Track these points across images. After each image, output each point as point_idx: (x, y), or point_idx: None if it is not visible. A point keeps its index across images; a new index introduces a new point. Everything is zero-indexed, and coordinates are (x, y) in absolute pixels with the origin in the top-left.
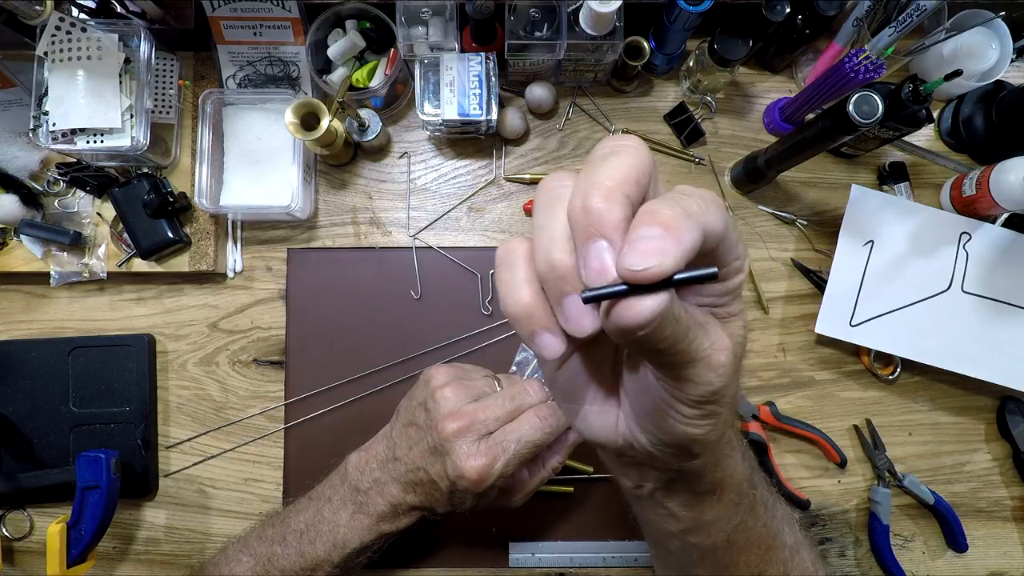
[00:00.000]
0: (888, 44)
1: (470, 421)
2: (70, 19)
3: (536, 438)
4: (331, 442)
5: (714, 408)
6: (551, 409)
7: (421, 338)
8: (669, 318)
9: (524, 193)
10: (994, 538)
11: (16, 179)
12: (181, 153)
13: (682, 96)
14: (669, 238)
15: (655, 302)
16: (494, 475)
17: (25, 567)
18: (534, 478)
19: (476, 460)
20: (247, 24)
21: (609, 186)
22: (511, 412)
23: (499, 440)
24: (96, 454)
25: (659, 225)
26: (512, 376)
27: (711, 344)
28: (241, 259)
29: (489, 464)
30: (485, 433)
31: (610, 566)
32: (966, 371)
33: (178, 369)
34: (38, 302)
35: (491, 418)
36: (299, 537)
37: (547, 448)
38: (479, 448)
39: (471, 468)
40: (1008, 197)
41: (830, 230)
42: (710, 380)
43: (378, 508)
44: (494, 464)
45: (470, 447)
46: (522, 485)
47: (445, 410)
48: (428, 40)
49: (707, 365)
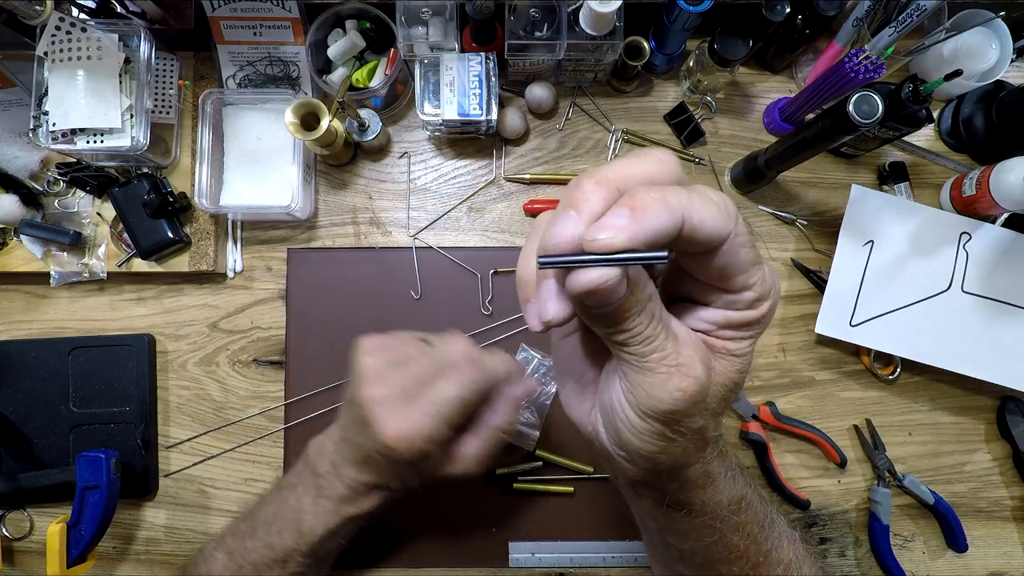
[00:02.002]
0: (888, 44)
1: (387, 385)
2: (70, 19)
3: (455, 394)
4: None
5: (663, 430)
6: (472, 363)
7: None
8: (624, 297)
9: (524, 193)
10: (994, 538)
11: (16, 179)
12: (181, 153)
13: (682, 96)
14: (633, 219)
15: (599, 273)
16: (418, 440)
17: (25, 567)
18: (477, 440)
19: (395, 426)
20: (247, 24)
21: (607, 176)
22: (431, 371)
23: (418, 402)
24: (96, 454)
25: (628, 207)
26: (444, 334)
27: (678, 364)
28: (241, 259)
29: (410, 429)
30: (404, 397)
31: (610, 566)
32: (966, 371)
33: (178, 369)
34: (38, 302)
35: (409, 381)
36: (267, 529)
37: (488, 407)
38: (397, 413)
39: (391, 435)
40: (1008, 197)
41: (830, 230)
42: (660, 398)
43: (338, 491)
44: (415, 428)
45: (388, 412)
46: (462, 452)
47: (364, 377)
48: (428, 40)
49: (663, 382)
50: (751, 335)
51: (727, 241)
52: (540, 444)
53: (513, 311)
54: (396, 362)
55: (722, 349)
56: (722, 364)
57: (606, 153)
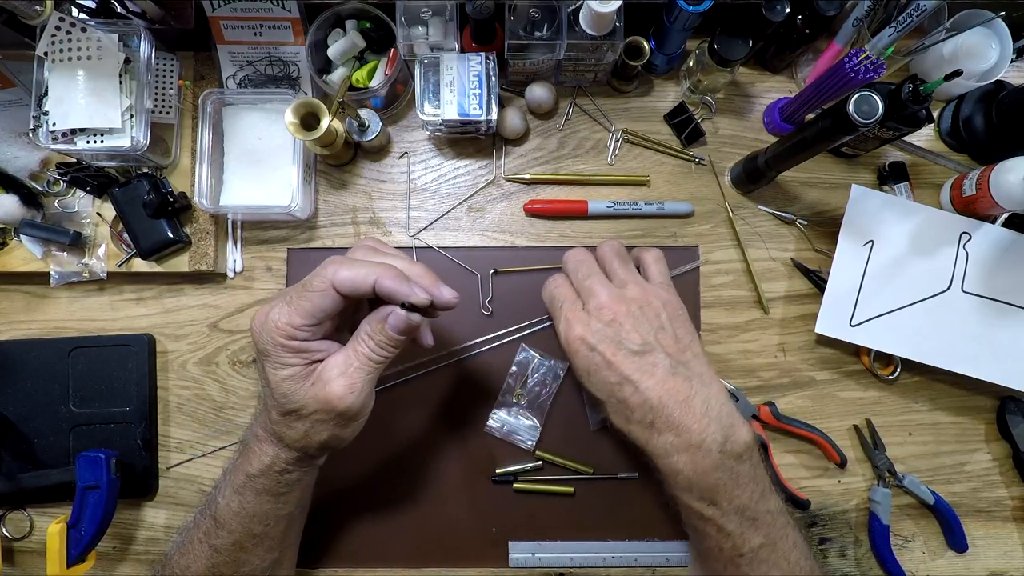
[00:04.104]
0: (888, 44)
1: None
2: (70, 19)
3: (309, 282)
4: None
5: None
6: (340, 260)
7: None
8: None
9: (524, 193)
10: (994, 538)
11: (16, 179)
12: (181, 153)
13: (682, 96)
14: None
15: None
16: (276, 320)
17: (25, 567)
18: (342, 359)
19: (259, 314)
20: (247, 24)
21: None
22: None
23: (286, 295)
24: (96, 454)
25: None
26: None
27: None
28: (241, 259)
29: (268, 311)
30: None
31: (610, 566)
32: (966, 371)
33: (178, 369)
34: (38, 302)
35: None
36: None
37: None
38: (264, 307)
39: (255, 321)
40: (1008, 197)
41: (830, 230)
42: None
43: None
44: (273, 311)
45: (264, 308)
46: (323, 372)
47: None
48: (428, 40)
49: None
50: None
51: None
52: (540, 444)
53: (514, 311)
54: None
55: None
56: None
57: (606, 153)
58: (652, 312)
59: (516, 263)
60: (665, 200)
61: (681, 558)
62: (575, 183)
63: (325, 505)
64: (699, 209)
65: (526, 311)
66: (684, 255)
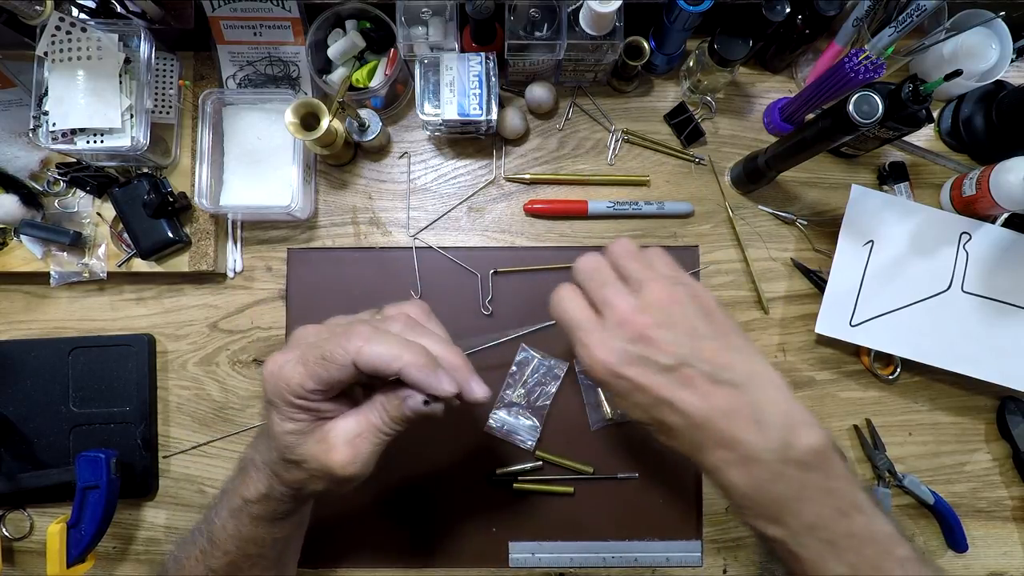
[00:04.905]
0: (888, 44)
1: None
2: (70, 19)
3: (325, 347)
4: None
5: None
6: (371, 330)
7: None
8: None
9: (524, 193)
10: (994, 538)
11: (16, 179)
12: (181, 153)
13: (682, 96)
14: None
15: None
16: (286, 370)
17: (25, 567)
18: (353, 425)
19: (272, 361)
20: (247, 24)
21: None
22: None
23: (301, 349)
24: (96, 454)
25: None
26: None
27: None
28: (241, 259)
29: (282, 359)
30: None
31: (610, 566)
32: (966, 371)
33: (178, 369)
34: (38, 302)
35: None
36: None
37: (385, 397)
38: (277, 356)
39: (267, 370)
40: (1008, 197)
41: (830, 230)
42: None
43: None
44: (285, 360)
45: (271, 358)
46: (331, 433)
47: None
48: (428, 40)
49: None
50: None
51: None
52: (540, 444)
53: (514, 311)
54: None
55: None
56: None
57: (606, 153)
58: (680, 314)
59: (516, 263)
60: (665, 200)
61: (681, 558)
62: (575, 183)
63: (325, 505)
64: (699, 209)
65: (526, 311)
66: (684, 255)
